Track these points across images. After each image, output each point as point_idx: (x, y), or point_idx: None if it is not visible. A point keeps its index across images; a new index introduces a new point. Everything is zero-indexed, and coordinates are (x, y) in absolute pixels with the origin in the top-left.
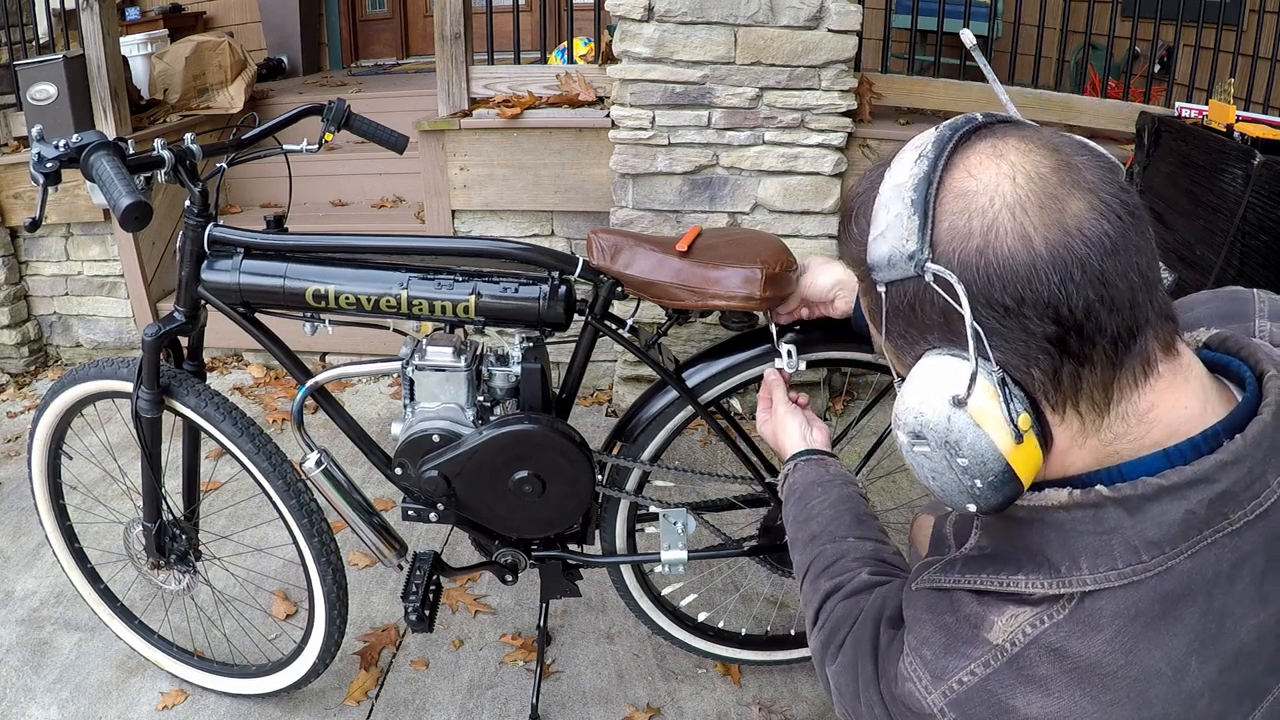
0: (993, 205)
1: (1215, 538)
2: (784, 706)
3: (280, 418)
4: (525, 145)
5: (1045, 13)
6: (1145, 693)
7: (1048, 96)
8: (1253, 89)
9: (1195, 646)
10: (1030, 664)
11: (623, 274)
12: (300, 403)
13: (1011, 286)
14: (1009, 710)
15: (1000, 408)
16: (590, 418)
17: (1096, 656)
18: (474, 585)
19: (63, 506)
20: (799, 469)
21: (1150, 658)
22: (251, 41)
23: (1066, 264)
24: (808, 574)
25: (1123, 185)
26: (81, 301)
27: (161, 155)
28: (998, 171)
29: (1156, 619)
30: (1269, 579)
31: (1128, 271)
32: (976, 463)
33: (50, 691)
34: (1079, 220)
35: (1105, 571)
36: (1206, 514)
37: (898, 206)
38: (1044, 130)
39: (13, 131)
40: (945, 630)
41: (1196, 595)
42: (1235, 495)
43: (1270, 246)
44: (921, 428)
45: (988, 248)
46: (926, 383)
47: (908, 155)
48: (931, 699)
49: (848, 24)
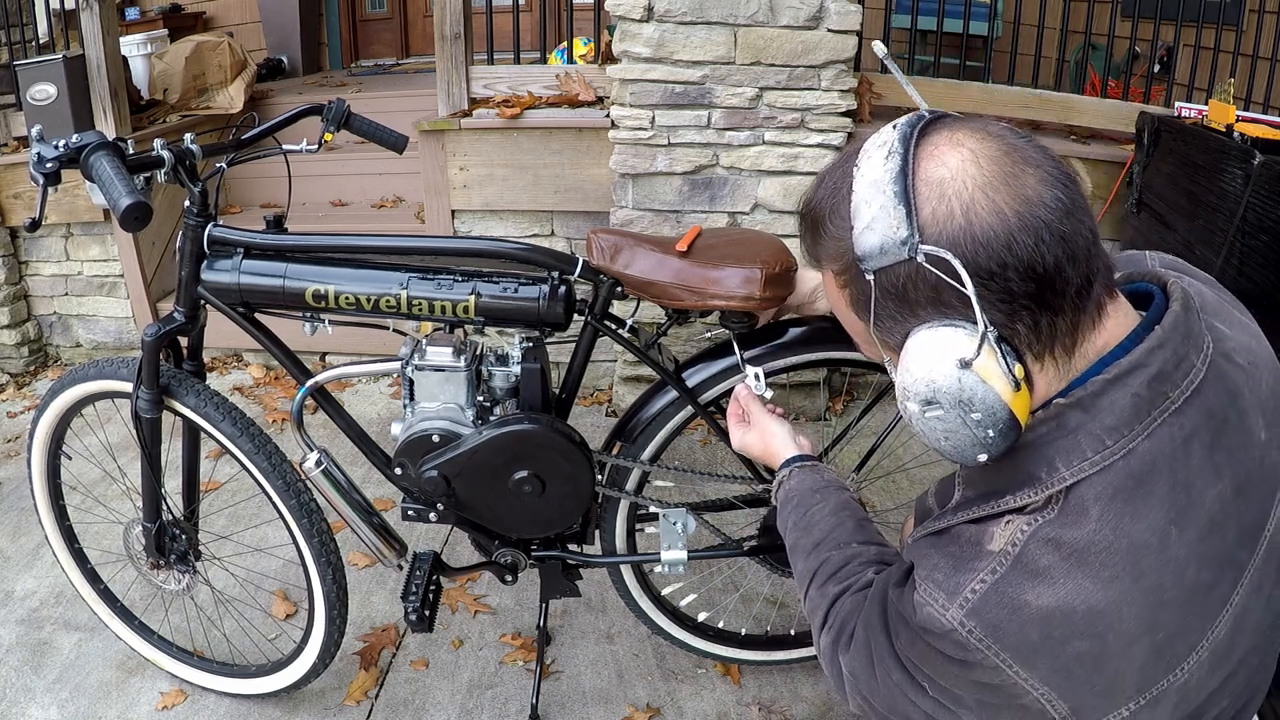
0: (966, 187)
1: (1163, 418)
2: (784, 706)
3: (280, 418)
4: (525, 145)
5: (1045, 13)
6: (1138, 563)
7: (1048, 96)
8: (1253, 89)
9: (1172, 516)
10: (1032, 559)
11: (622, 274)
12: (300, 403)
13: (996, 254)
14: (1022, 605)
15: (999, 362)
16: (590, 418)
17: (1089, 538)
18: (474, 585)
19: (62, 507)
20: (794, 475)
21: (1135, 529)
22: (251, 41)
23: (1036, 229)
24: (814, 580)
25: (1054, 157)
26: (81, 301)
27: (161, 155)
28: (961, 158)
29: (1133, 494)
30: (1217, 452)
31: (1080, 229)
32: (988, 415)
33: (50, 691)
34: (1037, 191)
35: (1079, 464)
36: (1149, 395)
37: (880, 199)
38: (980, 119)
39: (12, 131)
40: (951, 556)
41: (1161, 470)
42: (1169, 374)
43: (1270, 246)
44: (935, 393)
45: (970, 224)
46: (930, 352)
47: (876, 154)
48: (949, 614)
49: (847, 24)
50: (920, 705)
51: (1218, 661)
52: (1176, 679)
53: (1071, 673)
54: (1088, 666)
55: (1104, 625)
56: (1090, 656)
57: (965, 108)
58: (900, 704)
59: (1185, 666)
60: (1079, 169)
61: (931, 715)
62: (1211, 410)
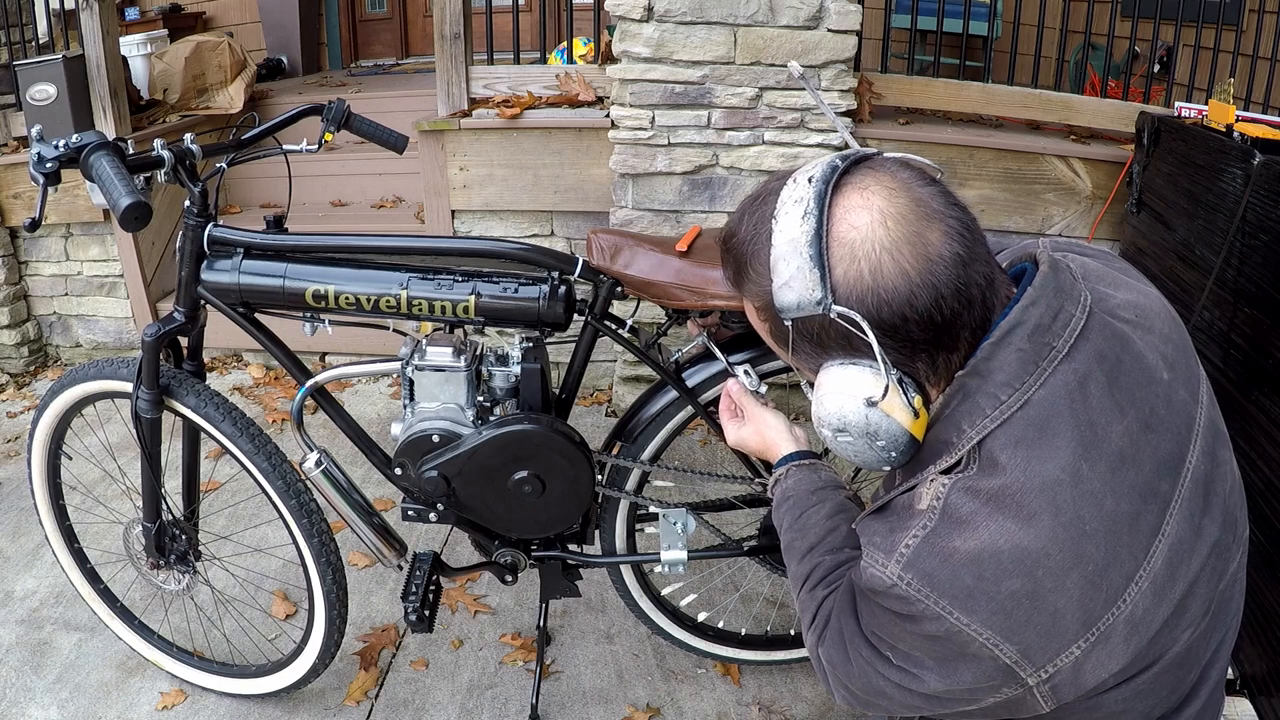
0: (874, 250)
1: (1052, 366)
2: (784, 706)
3: (280, 418)
4: (525, 145)
5: (1045, 13)
6: (1055, 499)
7: (1048, 96)
8: (1253, 89)
9: (1080, 452)
10: (955, 509)
11: (622, 274)
12: (300, 403)
13: (898, 310)
14: (952, 552)
15: (901, 398)
16: (590, 418)
17: (1003, 482)
18: (474, 585)
19: (62, 507)
20: (791, 474)
21: (1045, 470)
22: (251, 41)
23: (935, 286)
24: (805, 584)
25: (954, 201)
26: (81, 301)
27: (161, 155)
28: (870, 219)
29: (1036, 439)
30: (1116, 391)
31: (976, 277)
32: (891, 442)
33: (50, 691)
34: (938, 248)
35: (981, 422)
36: (1032, 348)
37: (797, 260)
38: (888, 162)
39: (12, 131)
40: (888, 522)
41: (1061, 413)
42: (1047, 326)
43: (1270, 246)
44: (845, 425)
45: (877, 286)
46: (841, 390)
47: (793, 211)
48: (889, 571)
49: (847, 24)
50: (889, 677)
51: (1160, 591)
52: (1120, 610)
53: (1010, 613)
54: (1025, 605)
55: (1032, 561)
56: (1025, 594)
57: (965, 108)
58: (874, 680)
59: (1126, 598)
60: (1079, 169)
61: (901, 685)
62: (1102, 353)
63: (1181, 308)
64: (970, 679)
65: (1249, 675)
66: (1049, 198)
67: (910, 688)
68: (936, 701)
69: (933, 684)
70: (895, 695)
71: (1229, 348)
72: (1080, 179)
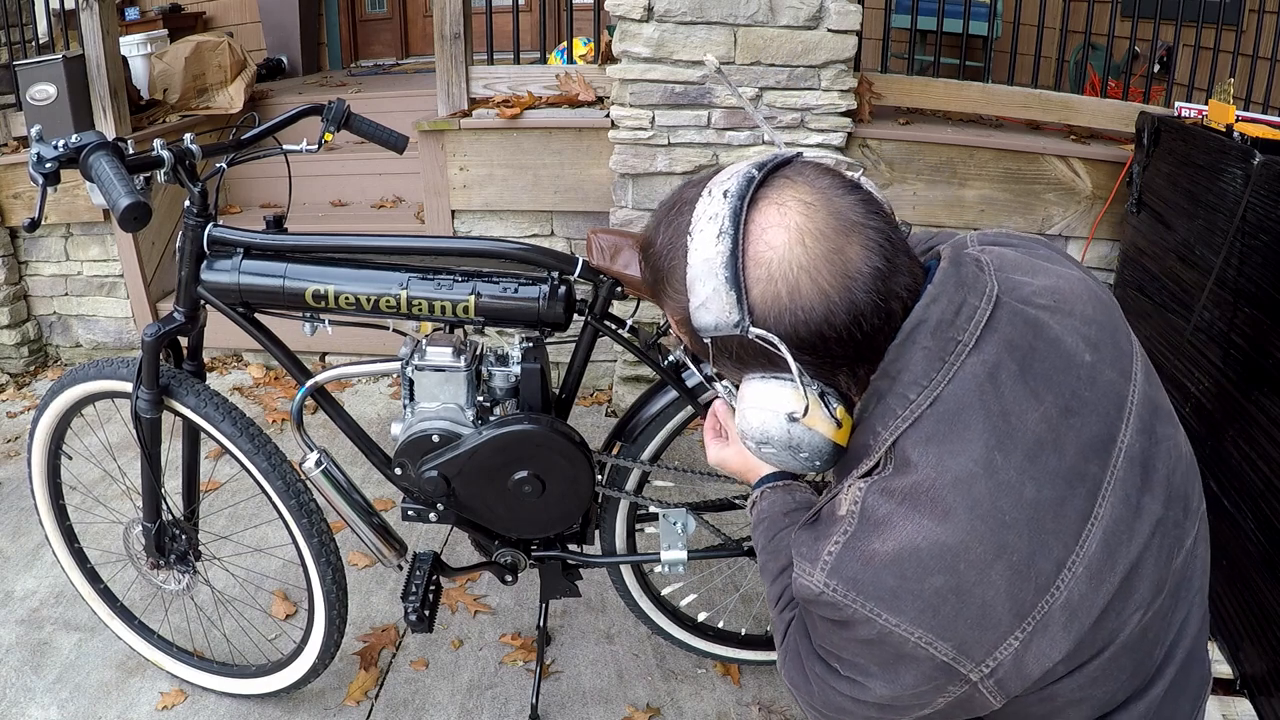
0: (792, 270)
1: (960, 360)
2: (784, 706)
3: (280, 418)
4: (525, 145)
5: (1045, 13)
6: (970, 493)
7: (1047, 96)
8: (1253, 89)
9: (993, 443)
10: (872, 511)
11: (622, 274)
12: (300, 403)
13: (816, 330)
14: (872, 555)
15: (823, 410)
16: (590, 418)
17: (916, 480)
18: (474, 585)
19: (62, 506)
20: (766, 495)
21: (956, 464)
22: (251, 41)
23: (854, 304)
24: (778, 605)
25: (874, 209)
26: (81, 301)
27: (161, 155)
28: (788, 238)
29: (947, 435)
30: (1030, 377)
31: (896, 289)
32: (814, 452)
33: (50, 691)
34: (858, 264)
35: (893, 423)
36: (936, 344)
37: (713, 282)
38: (807, 170)
39: (12, 131)
40: (813, 531)
41: (972, 405)
42: (950, 321)
43: (1270, 246)
44: (768, 439)
45: (795, 306)
46: (763, 406)
47: (708, 229)
48: (815, 579)
49: (847, 24)
50: (841, 690)
51: (1098, 574)
52: (1055, 597)
53: (938, 610)
54: (951, 601)
55: (953, 556)
56: (950, 590)
57: (965, 108)
58: (830, 695)
59: (1060, 585)
60: (1079, 169)
61: (854, 697)
62: (1012, 342)
63: (1181, 308)
64: (913, 680)
65: (1249, 675)
66: (1049, 198)
67: (862, 698)
68: (891, 710)
69: (880, 691)
70: (853, 709)
71: (1229, 348)
72: (1080, 179)
